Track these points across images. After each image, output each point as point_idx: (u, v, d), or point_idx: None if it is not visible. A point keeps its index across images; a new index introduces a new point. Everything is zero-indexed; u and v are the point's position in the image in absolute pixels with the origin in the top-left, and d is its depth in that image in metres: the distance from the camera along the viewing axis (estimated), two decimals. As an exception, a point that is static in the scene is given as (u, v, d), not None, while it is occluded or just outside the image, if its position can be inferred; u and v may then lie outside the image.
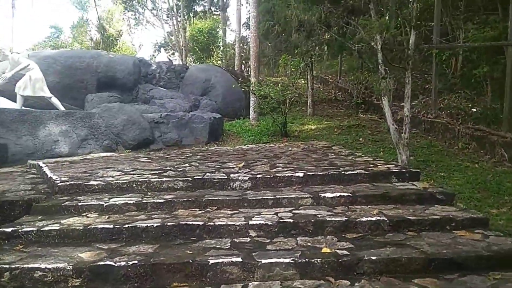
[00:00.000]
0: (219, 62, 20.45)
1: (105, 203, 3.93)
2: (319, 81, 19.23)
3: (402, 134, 6.37)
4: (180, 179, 4.59)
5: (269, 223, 3.35)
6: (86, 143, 8.11)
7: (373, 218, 3.40)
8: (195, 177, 4.62)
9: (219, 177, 4.63)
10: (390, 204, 3.91)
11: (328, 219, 3.41)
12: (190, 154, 7.10)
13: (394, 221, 3.40)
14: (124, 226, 3.32)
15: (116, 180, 4.64)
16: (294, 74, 9.66)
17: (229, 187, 4.53)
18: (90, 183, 4.55)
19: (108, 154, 7.90)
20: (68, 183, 4.55)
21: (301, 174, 4.60)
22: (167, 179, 4.61)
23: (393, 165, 5.15)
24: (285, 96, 9.40)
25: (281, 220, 3.38)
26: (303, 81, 14.71)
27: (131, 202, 3.95)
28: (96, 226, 3.32)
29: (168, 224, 3.34)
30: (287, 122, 9.98)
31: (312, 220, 3.38)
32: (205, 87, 12.68)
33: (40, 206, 3.98)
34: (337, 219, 3.41)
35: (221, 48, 19.56)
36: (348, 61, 17.26)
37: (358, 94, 13.12)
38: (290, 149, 7.56)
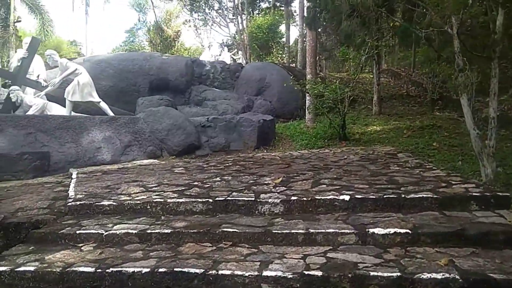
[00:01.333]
0: (284, 58, 19.68)
1: (106, 231, 3.34)
2: (390, 74, 17.55)
3: (486, 141, 5.02)
4: (200, 200, 3.87)
5: (289, 275, 2.47)
6: (129, 149, 7.79)
7: (439, 276, 2.36)
8: (217, 198, 3.88)
9: (246, 198, 3.83)
10: (467, 247, 2.82)
11: (373, 273, 2.43)
12: (230, 164, 6.39)
13: (471, 281, 2.33)
14: (107, 271, 2.66)
15: (131, 200, 4.06)
16: (355, 68, 8.47)
17: (256, 212, 3.72)
18: (102, 203, 4.02)
19: (150, 161, 7.49)
20: (79, 202, 4.07)
21: (347, 198, 3.63)
22: (186, 199, 3.92)
23: (473, 185, 3.93)
24: (343, 94, 8.28)
25: (307, 273, 2.48)
26: (371, 76, 13.34)
27: (134, 232, 3.30)
28: (75, 269, 2.71)
29: (160, 270, 2.61)
30: (346, 123, 8.85)
31: (350, 275, 2.43)
32: (259, 87, 11.96)
33: (37, 233, 3.51)
34: (386, 274, 2.42)
35: (282, 44, 18.67)
36: (424, 51, 15.41)
37: (433, 88, 11.46)
38: (345, 157, 6.52)
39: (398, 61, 18.10)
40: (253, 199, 3.80)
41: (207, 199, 3.87)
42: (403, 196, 3.60)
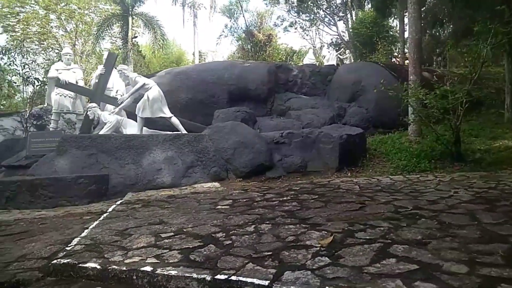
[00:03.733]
0: (395, 55, 17.28)
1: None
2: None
3: None
4: (196, 276, 2.70)
5: None
6: (191, 171, 7.03)
7: None
8: (218, 276, 2.65)
9: (257, 282, 2.52)
10: None
11: None
12: (291, 196, 5.07)
13: None
14: None
15: (120, 263, 3.10)
16: (473, 64, 6.26)
17: (267, 308, 2.38)
18: (87, 265, 3.13)
19: (210, 185, 6.61)
20: (64, 261, 3.26)
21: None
22: (180, 273, 2.79)
23: None
24: (454, 101, 6.18)
25: None
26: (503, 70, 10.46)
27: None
28: None
29: None
30: (460, 138, 6.69)
31: None
32: (353, 91, 10.25)
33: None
34: None
35: (391, 38, 16.28)
36: None
37: None
38: (451, 192, 4.66)
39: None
40: (266, 284, 2.48)
41: (205, 276, 2.68)
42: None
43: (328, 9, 28.29)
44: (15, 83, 13.35)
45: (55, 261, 3.28)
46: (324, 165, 7.18)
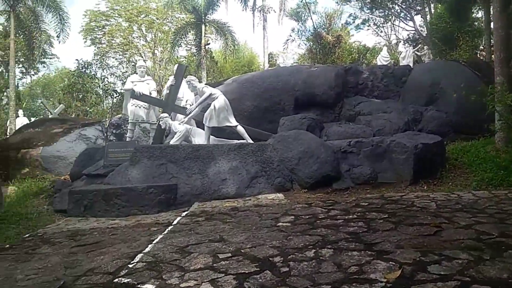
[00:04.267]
0: (480, 51, 15.72)
1: None
2: None
3: None
4: (248, 309, 2.58)
5: None
6: (255, 181, 6.97)
7: None
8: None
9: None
10: None
11: None
12: (357, 215, 4.74)
13: None
14: None
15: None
16: None
17: None
18: (144, 287, 3.18)
19: (274, 197, 6.48)
20: (124, 280, 3.34)
21: None
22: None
23: None
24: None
25: None
26: None
27: None
28: None
29: None
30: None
31: None
32: (430, 94, 9.45)
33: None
34: None
35: (474, 33, 14.79)
36: None
37: None
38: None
39: None
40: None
41: (257, 311, 2.55)
42: None
43: (404, 3, 26.70)
44: (96, 94, 14.52)
45: (117, 279, 3.39)
46: (397, 176, 6.67)
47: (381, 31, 31.98)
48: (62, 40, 18.84)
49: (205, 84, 10.03)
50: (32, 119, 20.18)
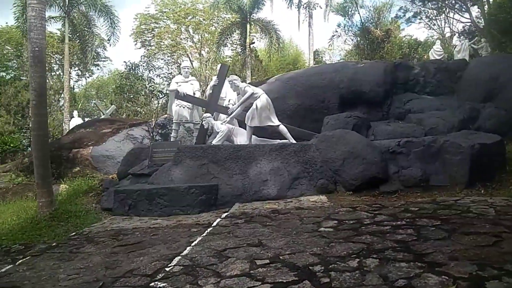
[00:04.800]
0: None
1: None
2: None
3: None
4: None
5: None
6: (297, 182, 6.77)
7: None
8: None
9: None
10: None
11: None
12: (406, 221, 4.41)
13: None
14: None
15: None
16: None
17: None
18: (179, 291, 3.11)
19: (317, 199, 6.24)
20: (160, 285, 3.30)
21: None
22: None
23: None
24: None
25: None
26: None
27: None
28: None
29: None
30: None
31: None
32: (489, 90, 8.72)
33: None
34: None
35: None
36: None
37: None
38: None
39: None
40: None
41: (292, 327, 2.38)
42: None
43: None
44: (145, 95, 14.93)
45: (153, 283, 3.36)
46: (451, 179, 6.19)
47: (434, 24, 30.42)
48: (113, 43, 19.63)
49: (248, 83, 9.95)
50: (87, 120, 21.25)
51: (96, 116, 27.22)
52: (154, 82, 10.40)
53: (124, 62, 15.07)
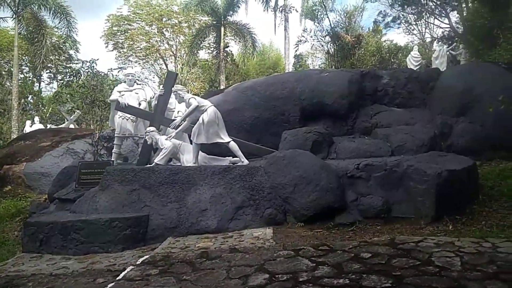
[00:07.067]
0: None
1: None
2: None
3: None
4: None
5: None
6: (242, 212, 5.81)
7: None
8: None
9: None
10: None
11: None
12: (347, 278, 3.48)
13: None
14: None
15: None
16: None
17: None
18: None
19: (261, 233, 5.30)
20: None
21: None
22: None
23: None
24: None
25: None
26: None
27: None
28: None
29: None
30: None
31: None
32: (462, 102, 7.93)
33: None
34: None
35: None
36: None
37: None
38: None
39: None
40: None
41: None
42: None
43: (438, -1, 24.66)
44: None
45: None
46: (416, 210, 5.34)
47: (413, 29, 29.96)
48: (72, 45, 18.24)
49: (209, 91, 8.97)
50: (49, 126, 19.89)
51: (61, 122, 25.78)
52: (95, 91, 9.32)
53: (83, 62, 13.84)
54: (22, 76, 27.47)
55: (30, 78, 29.15)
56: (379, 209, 5.55)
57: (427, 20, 28.71)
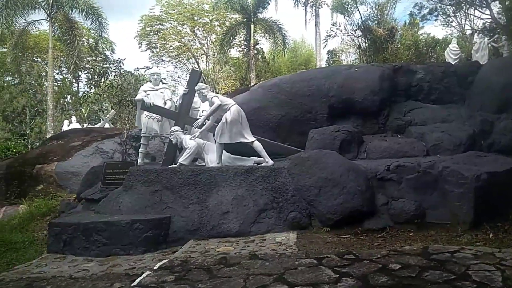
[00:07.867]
0: None
1: None
2: None
3: None
4: None
5: None
6: (264, 215, 5.60)
7: None
8: None
9: None
10: None
11: None
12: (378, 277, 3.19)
13: None
14: None
15: None
16: None
17: None
18: None
19: (284, 238, 5.07)
20: None
21: None
22: None
23: None
24: None
25: None
26: None
27: None
28: None
29: None
30: None
31: None
32: (504, 98, 7.31)
33: None
34: None
35: None
36: None
37: None
38: None
39: None
40: None
41: None
42: None
43: (479, -12, 23.31)
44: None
45: None
46: (452, 216, 4.93)
47: (452, 21, 28.55)
48: (109, 45, 18.64)
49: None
50: (86, 126, 20.45)
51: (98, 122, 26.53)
52: (122, 91, 9.44)
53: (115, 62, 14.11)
54: (61, 77, 28.50)
55: (69, 79, 30.19)
56: (412, 214, 5.17)
57: (466, 11, 27.28)
